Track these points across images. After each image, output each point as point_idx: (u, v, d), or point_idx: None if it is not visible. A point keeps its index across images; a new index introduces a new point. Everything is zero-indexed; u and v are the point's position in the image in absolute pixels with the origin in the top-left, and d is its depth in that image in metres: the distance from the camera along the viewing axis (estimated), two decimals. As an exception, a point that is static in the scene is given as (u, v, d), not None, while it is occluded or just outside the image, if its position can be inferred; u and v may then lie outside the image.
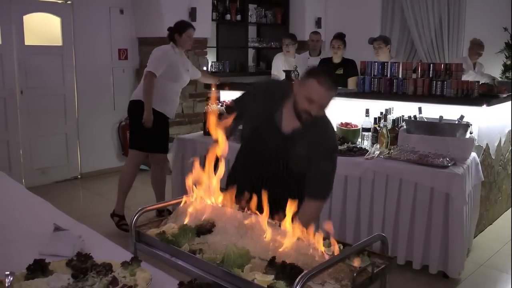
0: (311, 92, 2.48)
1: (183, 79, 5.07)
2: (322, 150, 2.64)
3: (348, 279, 1.69)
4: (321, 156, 2.63)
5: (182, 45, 5.04)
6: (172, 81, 4.96)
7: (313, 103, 2.50)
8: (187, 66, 5.17)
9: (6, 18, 6.05)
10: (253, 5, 9.16)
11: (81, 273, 1.70)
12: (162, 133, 5.08)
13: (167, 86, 4.96)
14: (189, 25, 5.06)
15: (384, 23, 8.90)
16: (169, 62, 4.88)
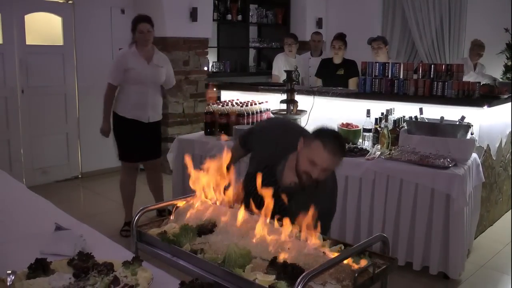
0: (314, 155, 2.33)
1: (148, 78, 4.76)
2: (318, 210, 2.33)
3: (349, 279, 1.69)
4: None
5: (138, 42, 4.73)
6: (135, 84, 4.72)
7: (316, 167, 2.34)
8: (158, 62, 4.83)
9: (7, 18, 6.06)
10: (254, 5, 9.16)
11: (82, 273, 1.70)
12: (143, 140, 4.87)
13: (132, 90, 4.73)
14: (140, 20, 4.72)
15: (385, 23, 8.91)
16: (124, 66, 4.66)
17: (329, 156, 2.32)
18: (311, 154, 2.34)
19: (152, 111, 4.87)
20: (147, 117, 4.83)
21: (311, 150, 2.35)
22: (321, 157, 2.32)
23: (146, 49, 4.75)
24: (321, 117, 4.91)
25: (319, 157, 2.32)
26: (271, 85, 5.71)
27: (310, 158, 2.34)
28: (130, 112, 4.75)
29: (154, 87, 4.84)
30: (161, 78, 4.88)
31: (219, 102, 5.27)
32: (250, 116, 5.02)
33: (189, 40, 7.15)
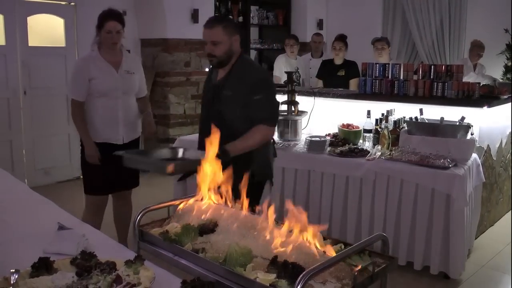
0: (203, 36, 2.97)
1: (118, 89, 3.85)
2: (248, 83, 2.95)
3: (349, 278, 1.70)
4: (250, 89, 2.92)
5: (104, 44, 3.83)
6: (101, 97, 3.82)
7: (207, 45, 2.96)
8: (129, 68, 3.93)
9: (10, 19, 6.08)
10: (255, 7, 9.18)
11: (85, 271, 1.72)
12: (118, 167, 3.28)
13: (98, 106, 3.83)
14: (108, 16, 3.81)
15: (386, 24, 8.92)
16: (87, 76, 3.78)
17: (206, 30, 2.95)
18: (203, 38, 2.98)
19: (126, 129, 3.95)
20: (120, 137, 3.92)
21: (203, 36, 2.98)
22: (204, 34, 2.96)
23: (113, 52, 3.87)
24: (322, 117, 4.95)
25: (204, 35, 2.97)
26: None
27: (204, 41, 2.98)
28: (99, 134, 3.87)
29: (126, 99, 3.93)
30: (134, 87, 3.99)
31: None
32: (251, 117, 5.03)
33: (190, 42, 7.17)
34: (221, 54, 2.94)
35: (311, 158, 4.37)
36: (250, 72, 3.00)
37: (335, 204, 4.30)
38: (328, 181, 4.31)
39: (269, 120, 2.97)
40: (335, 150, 4.34)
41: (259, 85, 2.95)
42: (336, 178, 4.27)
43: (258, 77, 3.00)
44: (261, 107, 2.93)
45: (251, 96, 2.91)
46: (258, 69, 3.02)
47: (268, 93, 2.98)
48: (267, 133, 3.00)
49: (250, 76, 2.97)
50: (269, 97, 2.98)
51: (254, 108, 2.93)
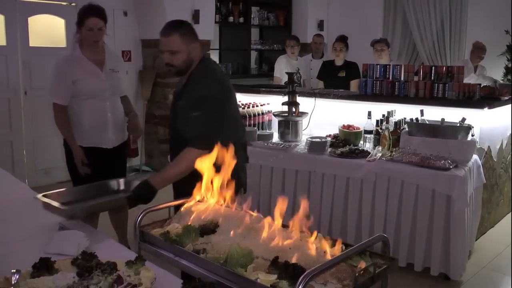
0: (159, 45, 2.77)
1: (105, 90, 3.67)
2: (190, 98, 2.74)
3: (350, 279, 1.70)
4: (188, 103, 2.72)
5: (85, 42, 3.61)
6: (88, 99, 3.62)
7: (164, 53, 2.74)
8: (113, 66, 3.75)
9: (11, 20, 6.10)
10: (256, 8, 9.20)
11: (86, 272, 1.71)
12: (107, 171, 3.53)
13: (85, 109, 3.64)
14: (88, 13, 3.55)
15: (386, 25, 8.92)
16: (71, 77, 3.57)
17: (163, 39, 2.73)
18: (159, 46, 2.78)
19: (115, 132, 3.78)
20: (110, 141, 3.75)
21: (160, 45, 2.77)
22: (161, 43, 2.74)
23: (96, 51, 3.66)
24: (323, 118, 4.95)
25: (161, 44, 2.75)
26: (272, 87, 5.73)
27: (161, 51, 2.77)
28: (87, 138, 3.68)
29: (113, 100, 3.75)
30: (120, 86, 3.83)
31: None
32: (252, 118, 5.05)
33: (191, 42, 7.15)
34: (180, 63, 2.75)
35: (311, 159, 4.37)
36: (196, 85, 2.76)
37: (335, 205, 4.30)
38: (328, 182, 4.31)
39: (198, 143, 2.61)
40: (336, 151, 4.34)
41: (198, 101, 2.69)
42: (336, 179, 4.27)
43: (199, 93, 2.72)
44: (194, 127, 2.68)
45: (191, 112, 2.69)
46: (206, 82, 2.74)
47: (204, 112, 2.66)
48: (195, 158, 2.47)
49: (195, 90, 2.74)
50: (204, 116, 2.66)
51: (188, 126, 2.71)
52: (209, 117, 2.67)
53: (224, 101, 2.76)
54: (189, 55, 2.75)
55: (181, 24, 2.77)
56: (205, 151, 2.48)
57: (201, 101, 2.69)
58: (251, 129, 4.90)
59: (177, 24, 2.75)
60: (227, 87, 2.86)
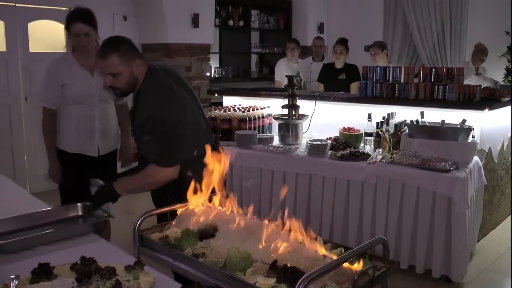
0: (99, 67, 2.71)
1: (94, 96, 3.54)
2: (138, 121, 2.64)
3: (349, 282, 1.70)
4: (138, 126, 2.64)
5: (74, 46, 3.55)
6: (75, 104, 3.52)
7: (105, 76, 2.63)
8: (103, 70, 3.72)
9: (11, 26, 6.10)
10: (256, 11, 9.22)
11: (85, 277, 1.71)
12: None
13: (73, 114, 3.55)
14: (73, 18, 3.47)
15: (386, 28, 8.93)
16: (60, 81, 3.49)
17: (101, 61, 2.59)
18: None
19: (102, 140, 3.64)
20: (96, 149, 3.62)
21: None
22: (99, 64, 2.65)
23: (87, 55, 3.55)
24: (323, 121, 4.95)
25: (100, 67, 2.68)
26: (273, 90, 5.73)
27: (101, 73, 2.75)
28: (72, 144, 3.58)
29: (103, 107, 3.62)
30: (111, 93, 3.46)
31: (221, 108, 5.29)
32: (252, 122, 5.05)
33: (191, 46, 7.18)
34: (123, 85, 2.61)
35: (312, 162, 4.37)
36: (141, 106, 2.63)
37: (336, 207, 4.30)
38: (329, 185, 4.31)
39: (160, 162, 2.57)
40: (336, 153, 4.34)
41: (145, 125, 2.57)
42: (337, 181, 4.27)
43: (145, 114, 2.58)
44: (150, 150, 2.61)
45: (141, 137, 2.62)
46: (150, 101, 2.60)
47: (154, 135, 2.56)
48: (159, 175, 2.60)
49: (141, 113, 2.61)
50: (155, 139, 2.56)
51: (144, 150, 2.66)
52: (161, 138, 2.56)
53: (171, 117, 2.59)
54: (131, 74, 2.61)
55: (118, 43, 2.60)
56: (170, 169, 2.60)
57: (148, 123, 2.56)
58: (252, 132, 4.90)
59: (113, 44, 2.58)
60: (174, 99, 2.67)
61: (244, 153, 4.67)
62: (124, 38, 2.67)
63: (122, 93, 2.69)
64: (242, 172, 4.73)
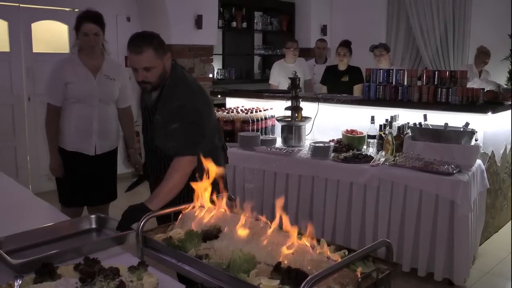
0: (130, 62, 2.61)
1: (94, 96, 3.67)
2: (166, 111, 2.65)
3: (352, 284, 1.69)
4: (166, 116, 2.65)
5: (82, 46, 3.69)
6: (76, 103, 3.66)
7: (137, 71, 2.60)
8: (109, 73, 3.76)
9: (14, 26, 6.12)
10: (259, 13, 9.22)
11: (88, 277, 1.71)
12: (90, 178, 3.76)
13: (73, 113, 3.69)
14: (84, 18, 3.61)
15: (390, 30, 8.93)
16: (63, 80, 3.63)
17: (135, 57, 2.56)
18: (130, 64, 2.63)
19: (100, 140, 3.76)
20: (92, 148, 3.74)
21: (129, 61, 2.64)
22: (132, 60, 2.58)
23: (93, 56, 3.71)
24: (326, 123, 4.95)
25: (131, 61, 2.59)
26: (276, 92, 5.74)
27: (132, 67, 2.62)
28: (70, 142, 3.71)
29: (103, 107, 3.74)
30: (112, 95, 3.79)
31: (224, 109, 5.29)
32: (255, 123, 5.05)
33: (194, 47, 7.19)
34: (156, 79, 2.65)
35: (315, 164, 4.37)
36: (171, 96, 2.67)
37: (339, 210, 4.30)
38: (332, 187, 4.31)
39: (184, 150, 2.60)
40: (339, 156, 4.34)
41: (175, 113, 2.62)
42: (340, 184, 4.26)
43: (175, 104, 2.63)
44: (177, 138, 2.62)
45: (169, 125, 2.63)
46: (181, 92, 2.66)
47: (183, 123, 2.60)
48: (185, 165, 2.61)
49: (170, 102, 2.65)
50: (184, 127, 2.60)
51: (170, 139, 2.65)
52: (190, 126, 2.61)
53: (201, 107, 2.68)
54: (163, 68, 2.66)
55: (152, 37, 2.63)
56: (190, 158, 2.59)
57: (179, 112, 2.61)
58: (254, 134, 4.90)
59: (148, 38, 2.61)
60: (200, 92, 2.78)
61: (247, 154, 4.67)
62: (154, 33, 2.70)
63: (153, 88, 2.70)
64: (244, 174, 4.73)
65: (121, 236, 2.17)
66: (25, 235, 2.18)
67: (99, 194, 3.85)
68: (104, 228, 2.35)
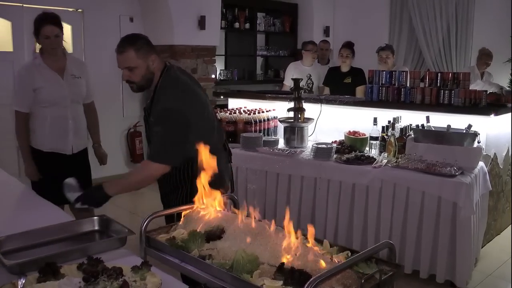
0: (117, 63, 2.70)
1: (66, 97, 3.71)
2: (154, 113, 2.73)
3: (355, 285, 1.70)
4: (153, 118, 2.73)
5: (44, 50, 3.66)
6: (49, 106, 3.67)
7: (123, 71, 2.70)
8: (74, 72, 3.78)
9: (18, 26, 6.13)
10: (262, 14, 9.22)
11: (92, 277, 1.71)
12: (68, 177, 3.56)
13: (46, 115, 3.69)
14: (43, 21, 3.58)
15: (392, 32, 8.94)
16: (32, 86, 3.63)
17: (118, 56, 2.67)
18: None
19: (75, 139, 3.83)
20: (69, 147, 3.80)
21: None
22: (117, 60, 2.68)
23: (56, 58, 3.70)
24: (329, 125, 4.95)
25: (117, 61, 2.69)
26: (278, 93, 5.74)
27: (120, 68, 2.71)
28: (47, 144, 3.74)
29: (74, 106, 3.80)
30: (82, 93, 3.85)
31: (226, 110, 5.29)
32: (258, 124, 5.05)
33: (197, 48, 7.19)
34: (139, 79, 2.70)
35: (317, 165, 4.37)
36: (158, 99, 2.73)
37: (341, 211, 4.30)
38: (334, 189, 4.31)
39: (156, 157, 2.65)
40: (342, 157, 4.34)
41: (161, 116, 2.67)
42: (342, 185, 4.27)
43: (162, 106, 2.68)
44: (154, 142, 2.71)
45: (154, 127, 2.71)
46: (168, 95, 2.70)
47: (165, 126, 2.64)
48: (149, 171, 2.68)
49: (158, 105, 2.71)
50: (164, 131, 2.64)
51: (152, 141, 2.75)
52: (170, 131, 2.63)
53: (187, 111, 2.66)
54: (147, 69, 2.70)
55: (135, 38, 2.70)
56: (161, 166, 2.64)
57: (164, 115, 2.65)
58: (257, 135, 4.91)
59: (130, 39, 2.69)
60: (192, 95, 2.77)
61: (249, 155, 4.67)
62: (140, 35, 2.76)
63: (138, 88, 2.75)
64: (247, 175, 4.73)
65: (123, 238, 2.16)
66: (26, 235, 2.17)
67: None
68: (107, 230, 2.34)
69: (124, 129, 7.23)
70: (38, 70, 3.64)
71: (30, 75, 3.65)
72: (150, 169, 2.66)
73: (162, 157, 2.64)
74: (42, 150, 3.74)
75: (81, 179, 3.60)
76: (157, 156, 2.64)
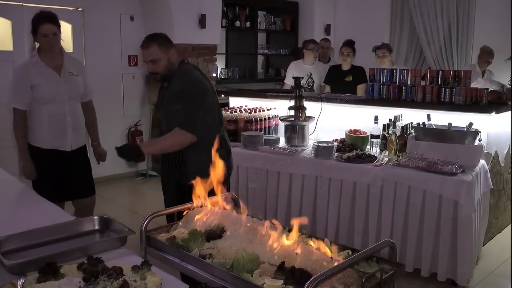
0: (143, 57, 3.26)
1: (64, 94, 3.75)
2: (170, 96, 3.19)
3: (356, 284, 1.69)
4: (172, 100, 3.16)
5: (42, 48, 3.71)
6: (47, 103, 3.71)
7: (148, 64, 3.21)
8: (71, 70, 3.82)
9: (18, 25, 6.13)
10: (263, 12, 9.22)
11: (92, 277, 1.71)
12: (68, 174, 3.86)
13: (44, 113, 3.72)
14: (41, 19, 3.62)
15: (393, 30, 8.93)
16: (29, 83, 3.65)
17: (144, 51, 3.19)
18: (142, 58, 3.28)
19: (74, 135, 3.86)
20: (68, 144, 3.84)
21: None
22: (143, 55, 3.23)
23: (54, 56, 3.74)
24: (329, 123, 4.94)
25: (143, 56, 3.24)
26: (279, 92, 5.73)
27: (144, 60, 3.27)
28: (46, 141, 3.77)
29: (72, 103, 3.83)
30: (79, 90, 3.89)
31: (227, 109, 5.28)
32: (259, 123, 5.04)
33: (198, 47, 7.19)
34: (162, 69, 3.18)
35: (318, 163, 4.36)
36: (174, 84, 3.18)
37: (342, 209, 4.29)
38: (335, 187, 4.30)
39: (183, 124, 3.07)
40: (343, 155, 4.34)
41: (177, 96, 3.12)
42: (343, 183, 4.26)
43: (177, 88, 3.16)
44: (178, 116, 3.09)
45: (172, 108, 3.12)
46: (184, 79, 3.19)
47: (183, 104, 3.08)
48: (180, 137, 3.10)
49: (173, 88, 3.18)
50: (183, 108, 3.08)
51: (172, 117, 3.12)
52: (188, 108, 3.07)
53: (198, 96, 3.13)
54: (169, 60, 3.19)
55: (157, 36, 3.21)
56: (189, 134, 3.08)
57: (179, 95, 3.11)
58: (258, 133, 4.90)
59: (153, 36, 3.20)
60: (202, 85, 3.21)
61: (250, 154, 4.67)
62: (161, 33, 3.26)
63: (162, 77, 3.23)
64: (248, 173, 4.73)
65: (123, 237, 2.16)
66: (26, 235, 2.16)
67: (77, 189, 3.93)
68: (107, 230, 2.33)
69: (124, 128, 7.23)
70: (35, 68, 3.67)
71: (27, 72, 3.68)
72: (181, 136, 3.08)
73: (190, 125, 3.08)
74: (41, 148, 3.77)
75: (81, 176, 3.86)
76: (185, 125, 3.06)
